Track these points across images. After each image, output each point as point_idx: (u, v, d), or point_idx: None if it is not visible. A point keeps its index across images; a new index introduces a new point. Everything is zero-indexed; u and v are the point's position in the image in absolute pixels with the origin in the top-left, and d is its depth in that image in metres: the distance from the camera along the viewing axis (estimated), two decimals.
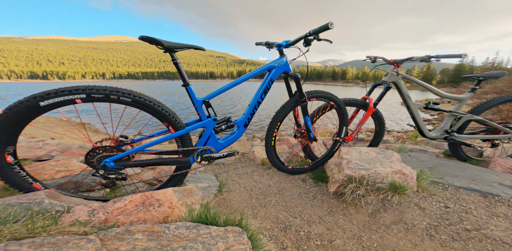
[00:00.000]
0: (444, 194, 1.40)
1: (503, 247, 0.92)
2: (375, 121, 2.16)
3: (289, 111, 1.62)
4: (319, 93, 1.67)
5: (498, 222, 1.10)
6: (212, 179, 1.77)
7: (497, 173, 1.65)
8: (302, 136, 1.86)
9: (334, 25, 1.19)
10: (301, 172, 1.94)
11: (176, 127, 1.24)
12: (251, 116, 1.49)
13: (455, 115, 1.97)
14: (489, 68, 8.62)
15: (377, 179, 1.37)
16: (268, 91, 1.48)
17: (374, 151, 1.71)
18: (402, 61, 1.89)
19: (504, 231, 1.02)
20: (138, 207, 0.96)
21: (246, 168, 2.18)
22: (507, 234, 1.00)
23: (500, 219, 1.12)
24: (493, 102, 1.85)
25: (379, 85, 2.02)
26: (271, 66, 1.46)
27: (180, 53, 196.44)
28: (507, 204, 1.26)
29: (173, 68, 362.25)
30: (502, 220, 1.11)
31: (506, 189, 1.39)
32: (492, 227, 1.06)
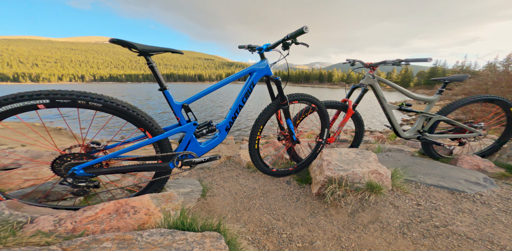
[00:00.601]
0: (416, 191, 1.46)
1: (467, 242, 0.98)
2: (355, 123, 2.22)
3: (271, 115, 1.62)
4: (300, 96, 1.68)
5: (463, 217, 1.17)
6: (195, 184, 1.72)
7: (464, 170, 1.76)
8: (285, 138, 1.87)
9: (308, 29, 1.21)
10: (286, 174, 1.95)
11: (153, 132, 1.19)
12: (232, 120, 1.46)
13: (426, 116, 2.08)
14: (458, 71, 9.26)
15: (355, 179, 1.40)
16: (250, 94, 1.46)
17: (353, 152, 1.76)
18: (377, 65, 1.97)
19: (468, 227, 1.08)
20: (111, 215, 0.92)
21: (231, 172, 2.15)
22: (471, 229, 1.06)
23: (465, 215, 1.19)
24: (458, 103, 1.97)
25: (357, 88, 2.08)
26: (252, 69, 1.45)
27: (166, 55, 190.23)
28: (472, 200, 1.34)
29: (159, 71, 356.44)
30: (467, 216, 1.18)
31: (471, 185, 1.49)
32: (458, 223, 1.12)
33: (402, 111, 2.08)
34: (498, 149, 2.18)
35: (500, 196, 1.39)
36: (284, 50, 1.37)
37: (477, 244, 0.95)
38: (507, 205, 1.28)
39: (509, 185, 1.61)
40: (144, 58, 1.09)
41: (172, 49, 1.16)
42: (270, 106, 1.59)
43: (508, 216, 1.17)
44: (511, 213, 1.20)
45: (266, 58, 1.49)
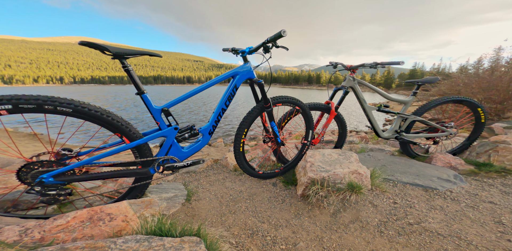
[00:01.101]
0: (393, 190, 1.51)
1: (438, 238, 1.02)
2: (338, 124, 2.27)
3: (255, 117, 1.61)
4: (284, 99, 1.69)
5: (435, 214, 1.22)
6: (179, 188, 1.68)
7: (437, 168, 1.85)
8: (271, 140, 1.87)
9: (286, 33, 1.23)
10: (272, 176, 1.95)
11: (131, 137, 1.14)
12: (216, 123, 1.44)
13: (402, 116, 2.17)
14: (434, 74, 9.79)
15: (336, 179, 1.43)
16: (233, 98, 1.45)
17: (336, 153, 1.79)
18: (357, 67, 2.03)
19: (439, 223, 1.13)
20: (84, 223, 0.89)
21: (218, 175, 2.11)
22: (441, 226, 1.11)
23: (436, 212, 1.25)
24: (430, 105, 2.07)
25: (339, 90, 2.13)
26: (235, 72, 1.44)
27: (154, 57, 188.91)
28: (443, 197, 1.41)
29: (146, 73, 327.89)
30: (439, 212, 1.24)
31: (443, 182, 1.56)
32: (430, 219, 1.17)
33: (381, 112, 2.16)
34: (468, 147, 2.32)
35: (469, 192, 1.47)
36: (265, 53, 1.37)
37: (447, 240, 1.00)
38: (474, 200, 1.36)
39: (477, 181, 1.71)
40: (119, 61, 1.04)
41: (150, 52, 1.11)
42: (254, 110, 1.59)
43: (475, 211, 1.24)
44: (477, 208, 1.27)
45: (249, 61, 1.48)
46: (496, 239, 0.99)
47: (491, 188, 1.55)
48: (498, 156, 1.96)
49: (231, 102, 1.45)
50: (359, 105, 2.17)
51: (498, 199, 1.37)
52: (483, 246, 0.95)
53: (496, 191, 1.51)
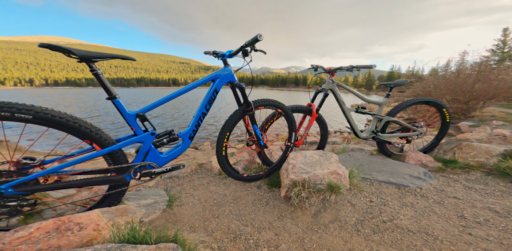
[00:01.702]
0: (370, 189, 1.57)
1: (408, 235, 1.07)
2: (320, 126, 2.32)
3: (237, 121, 1.60)
4: (265, 102, 1.69)
5: (406, 211, 1.28)
6: (160, 194, 1.61)
7: (409, 166, 1.95)
8: (254, 143, 1.86)
9: (262, 37, 1.24)
10: (257, 179, 1.94)
11: (102, 144, 1.07)
12: (196, 128, 1.40)
13: (378, 117, 2.27)
14: (409, 76, 10.39)
15: (316, 181, 1.45)
16: (214, 101, 1.42)
17: (317, 154, 1.82)
18: (335, 70, 2.09)
19: (409, 219, 1.19)
20: (50, 233, 0.84)
21: (202, 179, 2.06)
22: (411, 222, 1.16)
23: (407, 208, 1.31)
24: (401, 106, 2.19)
25: (320, 92, 2.17)
26: (215, 76, 1.41)
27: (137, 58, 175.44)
28: (414, 194, 1.49)
29: (128, 75, 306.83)
30: (409, 209, 1.30)
31: (414, 179, 1.65)
32: (402, 216, 1.23)
33: (359, 113, 2.24)
34: (436, 145, 2.47)
35: (436, 188, 1.57)
36: (245, 57, 1.37)
37: (416, 236, 1.05)
38: (441, 196, 1.45)
39: (444, 177, 1.83)
40: (87, 65, 0.98)
41: (122, 55, 1.05)
42: (235, 113, 1.57)
43: (441, 207, 1.32)
44: (443, 204, 1.35)
45: (229, 65, 1.46)
46: (459, 233, 1.06)
47: (456, 184, 1.66)
48: (462, 153, 2.11)
49: (212, 106, 1.42)
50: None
51: (461, 194, 1.48)
52: (447, 240, 1.01)
53: (460, 186, 1.62)
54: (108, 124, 12.77)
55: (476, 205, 1.32)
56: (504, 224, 1.11)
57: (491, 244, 0.96)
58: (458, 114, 7.30)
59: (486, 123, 5.86)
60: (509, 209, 1.27)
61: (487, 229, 1.08)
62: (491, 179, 1.72)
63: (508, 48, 24.17)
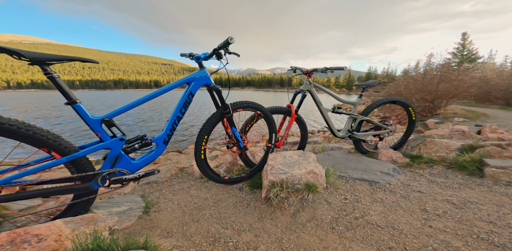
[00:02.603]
0: (345, 186, 1.62)
1: (377, 230, 1.12)
2: (299, 126, 2.35)
3: (215, 124, 1.56)
4: (244, 104, 1.66)
5: (376, 207, 1.34)
6: (135, 201, 1.53)
7: (380, 162, 2.05)
8: (234, 146, 1.83)
9: (234, 40, 1.23)
10: (239, 181, 1.91)
11: (62, 152, 0.99)
12: (171, 132, 1.34)
13: (352, 117, 2.35)
14: (383, 77, 10.99)
15: (294, 181, 1.47)
16: (189, 105, 1.37)
17: (297, 154, 1.84)
18: (312, 72, 2.13)
19: (379, 215, 1.25)
20: (3, 246, 0.79)
21: (183, 184, 1.99)
22: (380, 218, 1.22)
23: (377, 204, 1.37)
24: (373, 106, 2.30)
25: (299, 93, 2.20)
26: (190, 78, 1.36)
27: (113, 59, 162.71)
28: (383, 189, 1.56)
29: (103, 76, 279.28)
30: (379, 205, 1.36)
31: (384, 176, 1.74)
32: (372, 212, 1.28)
33: (335, 113, 2.30)
34: (405, 142, 2.63)
35: (403, 183, 1.66)
36: (218, 59, 1.34)
37: (384, 231, 1.10)
38: (407, 191, 1.54)
39: (411, 172, 1.95)
40: (40, 68, 0.88)
41: (81, 58, 0.96)
42: (213, 116, 1.53)
43: (407, 201, 1.40)
44: (409, 198, 1.44)
45: (205, 67, 1.42)
46: (421, 226, 1.13)
47: (421, 178, 1.78)
48: (426, 148, 2.27)
49: (187, 109, 1.36)
50: None
51: (425, 188, 1.58)
52: (411, 233, 1.07)
53: (424, 180, 1.74)
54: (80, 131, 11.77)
55: (437, 197, 1.42)
56: (460, 215, 1.21)
57: (448, 235, 1.03)
58: (426, 112, 7.88)
59: (449, 120, 6.39)
60: (464, 200, 1.38)
61: (445, 220, 1.16)
62: (451, 172, 1.86)
63: (467, 51, 26.56)
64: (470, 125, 5.37)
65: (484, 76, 11.26)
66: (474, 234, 1.03)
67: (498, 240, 0.97)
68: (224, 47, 1.26)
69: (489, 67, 14.09)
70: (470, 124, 5.52)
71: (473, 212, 1.24)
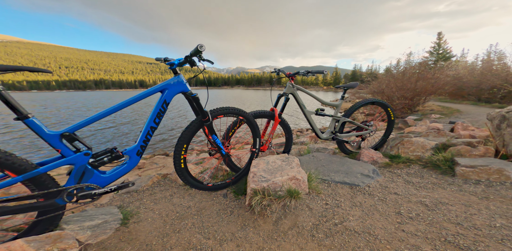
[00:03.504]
0: (327, 191, 1.63)
1: (354, 236, 1.13)
2: (284, 130, 2.34)
3: (194, 132, 1.50)
4: (225, 110, 1.61)
5: (355, 211, 1.36)
6: (112, 213, 1.45)
7: (362, 164, 2.09)
8: (216, 153, 1.78)
9: (204, 48, 1.19)
10: (223, 187, 1.87)
11: (17, 170, 0.90)
12: (144, 143, 1.27)
13: (335, 119, 2.37)
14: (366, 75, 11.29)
15: (276, 188, 1.45)
16: (163, 114, 1.29)
17: (280, 159, 1.83)
18: (294, 75, 2.12)
19: (357, 220, 1.26)
20: None
21: (165, 191, 1.92)
22: (358, 223, 1.23)
23: (356, 209, 1.39)
24: (354, 107, 2.33)
25: (282, 96, 2.17)
26: (163, 86, 1.28)
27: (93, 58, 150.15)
28: (363, 192, 1.59)
29: (83, 76, 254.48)
30: (358, 209, 1.38)
31: (364, 178, 1.77)
32: (351, 217, 1.29)
33: (319, 116, 2.31)
34: (385, 141, 2.70)
35: (382, 185, 1.70)
36: (192, 67, 1.28)
37: (360, 237, 1.12)
38: (384, 193, 1.58)
39: (390, 172, 2.00)
40: None
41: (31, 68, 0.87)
42: (192, 124, 1.47)
43: (383, 204, 1.43)
44: (385, 201, 1.47)
45: (180, 74, 1.34)
46: (395, 230, 1.15)
47: (398, 179, 1.83)
48: (404, 148, 2.34)
49: (161, 119, 1.29)
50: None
51: (401, 189, 1.63)
52: (385, 239, 1.09)
53: (401, 181, 1.79)
54: None
55: (411, 199, 1.47)
56: (431, 217, 1.25)
57: (418, 239, 1.06)
58: (406, 109, 8.21)
59: (426, 117, 6.70)
60: (436, 201, 1.43)
61: (417, 224, 1.19)
62: (426, 172, 1.94)
63: (442, 50, 27.93)
64: (445, 122, 5.66)
65: (457, 74, 11.90)
66: (442, 237, 1.06)
67: (463, 243, 1.01)
68: (196, 55, 1.20)
69: (462, 66, 14.92)
70: (445, 121, 5.83)
71: (443, 213, 1.28)
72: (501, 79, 9.49)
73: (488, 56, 14.19)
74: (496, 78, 9.70)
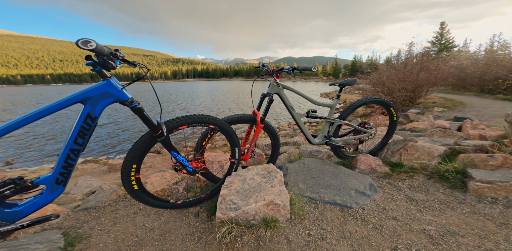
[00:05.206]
0: (313, 215, 1.34)
1: None
2: (269, 136, 2.01)
3: (145, 150, 1.18)
4: (189, 119, 1.28)
5: (342, 247, 1.08)
6: (51, 240, 1.19)
7: (358, 176, 1.79)
8: (183, 168, 1.49)
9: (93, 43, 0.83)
10: (197, 203, 1.60)
11: None
12: (66, 170, 0.96)
13: (329, 121, 2.05)
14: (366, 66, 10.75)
15: (248, 217, 1.17)
16: (90, 132, 0.96)
17: (260, 175, 1.53)
18: (278, 72, 1.77)
19: None
20: None
21: (130, 208, 1.65)
22: None
23: (344, 242, 1.11)
24: (351, 108, 2.00)
25: (266, 96, 1.84)
26: (83, 95, 0.93)
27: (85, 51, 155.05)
28: (355, 217, 1.30)
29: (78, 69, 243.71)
30: (346, 243, 1.10)
31: (359, 197, 1.48)
32: None
33: (310, 118, 1.99)
34: (386, 144, 2.39)
35: (379, 205, 1.41)
36: (108, 71, 0.94)
37: None
38: (381, 218, 1.29)
39: (390, 185, 1.71)
40: None
41: None
42: (140, 140, 1.15)
43: (378, 235, 1.15)
44: (381, 230, 1.19)
45: (110, 78, 0.98)
46: None
47: (399, 195, 1.54)
48: (407, 154, 2.03)
49: (88, 139, 0.97)
50: None
51: (401, 211, 1.34)
52: None
53: (403, 198, 1.50)
54: None
55: (413, 227, 1.18)
56: None
57: None
58: (407, 102, 7.82)
59: (429, 111, 6.34)
60: (443, 230, 1.15)
61: None
62: (432, 184, 1.64)
63: (444, 40, 26.84)
64: (449, 116, 5.32)
65: (460, 65, 11.35)
66: None
67: None
68: (101, 54, 0.85)
69: (465, 56, 14.27)
70: (449, 115, 5.48)
71: (451, 248, 1.00)
72: (506, 70, 9.01)
73: (491, 46, 13.50)
74: (501, 69, 9.20)
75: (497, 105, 6.46)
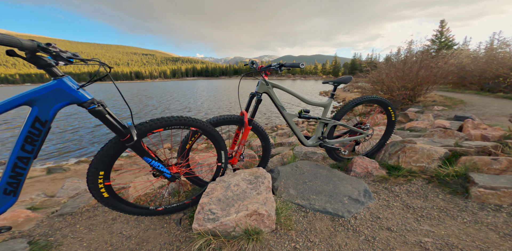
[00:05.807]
0: (301, 224, 1.24)
1: None
2: (259, 137, 1.90)
3: (113, 156, 1.07)
4: (165, 122, 1.16)
5: None
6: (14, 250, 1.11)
7: (352, 181, 1.68)
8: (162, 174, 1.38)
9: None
10: (181, 209, 1.49)
11: None
12: (14, 179, 0.84)
13: (323, 122, 1.94)
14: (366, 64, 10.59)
15: (228, 229, 1.06)
16: (40, 138, 0.84)
17: (247, 180, 1.42)
18: (265, 69, 1.65)
19: None
20: None
21: (108, 214, 1.55)
22: None
23: None
24: (347, 107, 1.89)
25: (254, 96, 1.72)
26: (30, 95, 0.81)
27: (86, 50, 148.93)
28: (347, 228, 1.19)
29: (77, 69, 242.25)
30: None
31: (351, 204, 1.37)
32: None
33: (302, 119, 1.87)
34: (383, 145, 2.28)
35: (372, 214, 1.31)
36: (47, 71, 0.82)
37: None
38: (374, 228, 1.18)
39: (386, 190, 1.60)
40: None
41: None
42: (108, 145, 1.04)
43: (370, 248, 1.04)
44: (374, 242, 1.08)
45: (64, 76, 0.85)
46: None
47: (395, 201, 1.43)
48: (406, 156, 1.92)
49: (39, 145, 0.85)
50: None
51: (397, 221, 1.23)
52: None
53: (399, 205, 1.39)
54: None
55: (408, 239, 1.08)
56: None
57: None
58: (406, 100, 7.69)
59: (429, 109, 6.21)
60: (441, 242, 1.04)
61: None
62: (431, 190, 1.53)
63: (444, 38, 26.60)
64: (449, 115, 5.19)
65: (460, 63, 11.20)
66: None
67: None
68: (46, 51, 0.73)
69: (465, 54, 14.10)
70: (449, 114, 5.36)
71: None
72: (507, 68, 8.87)
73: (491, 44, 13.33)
74: (501, 66, 9.06)
75: (498, 103, 6.34)
